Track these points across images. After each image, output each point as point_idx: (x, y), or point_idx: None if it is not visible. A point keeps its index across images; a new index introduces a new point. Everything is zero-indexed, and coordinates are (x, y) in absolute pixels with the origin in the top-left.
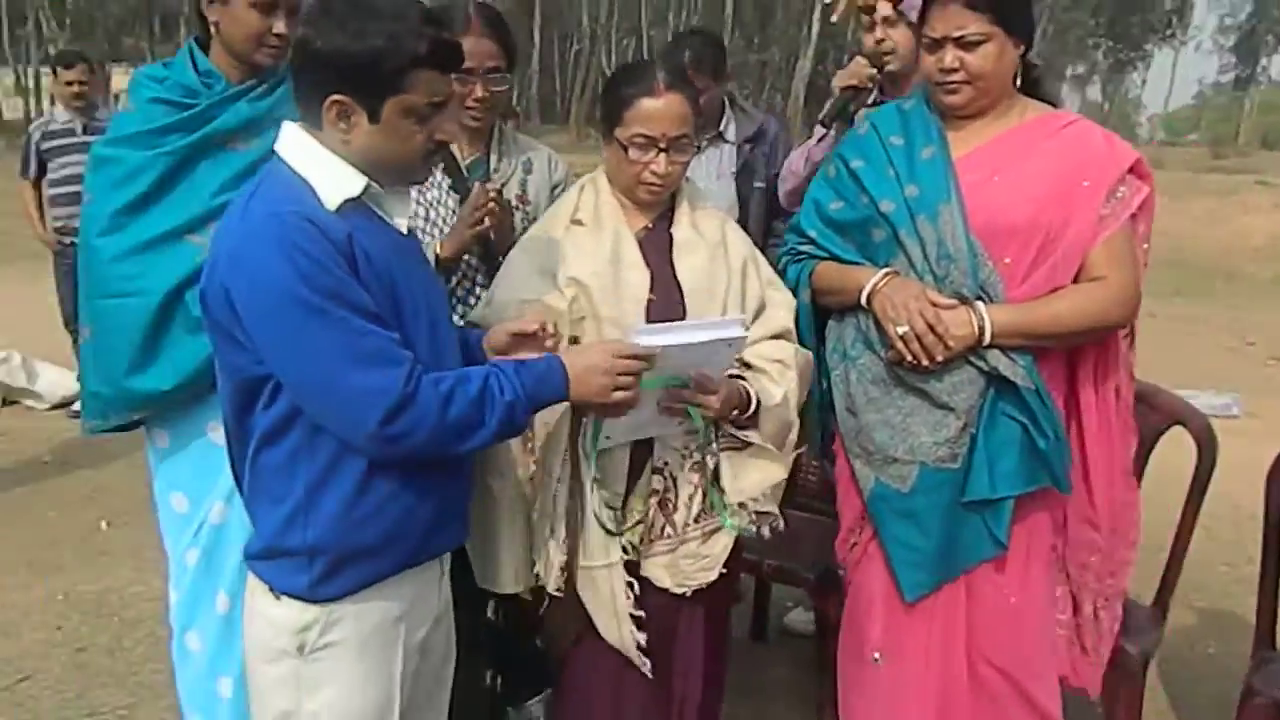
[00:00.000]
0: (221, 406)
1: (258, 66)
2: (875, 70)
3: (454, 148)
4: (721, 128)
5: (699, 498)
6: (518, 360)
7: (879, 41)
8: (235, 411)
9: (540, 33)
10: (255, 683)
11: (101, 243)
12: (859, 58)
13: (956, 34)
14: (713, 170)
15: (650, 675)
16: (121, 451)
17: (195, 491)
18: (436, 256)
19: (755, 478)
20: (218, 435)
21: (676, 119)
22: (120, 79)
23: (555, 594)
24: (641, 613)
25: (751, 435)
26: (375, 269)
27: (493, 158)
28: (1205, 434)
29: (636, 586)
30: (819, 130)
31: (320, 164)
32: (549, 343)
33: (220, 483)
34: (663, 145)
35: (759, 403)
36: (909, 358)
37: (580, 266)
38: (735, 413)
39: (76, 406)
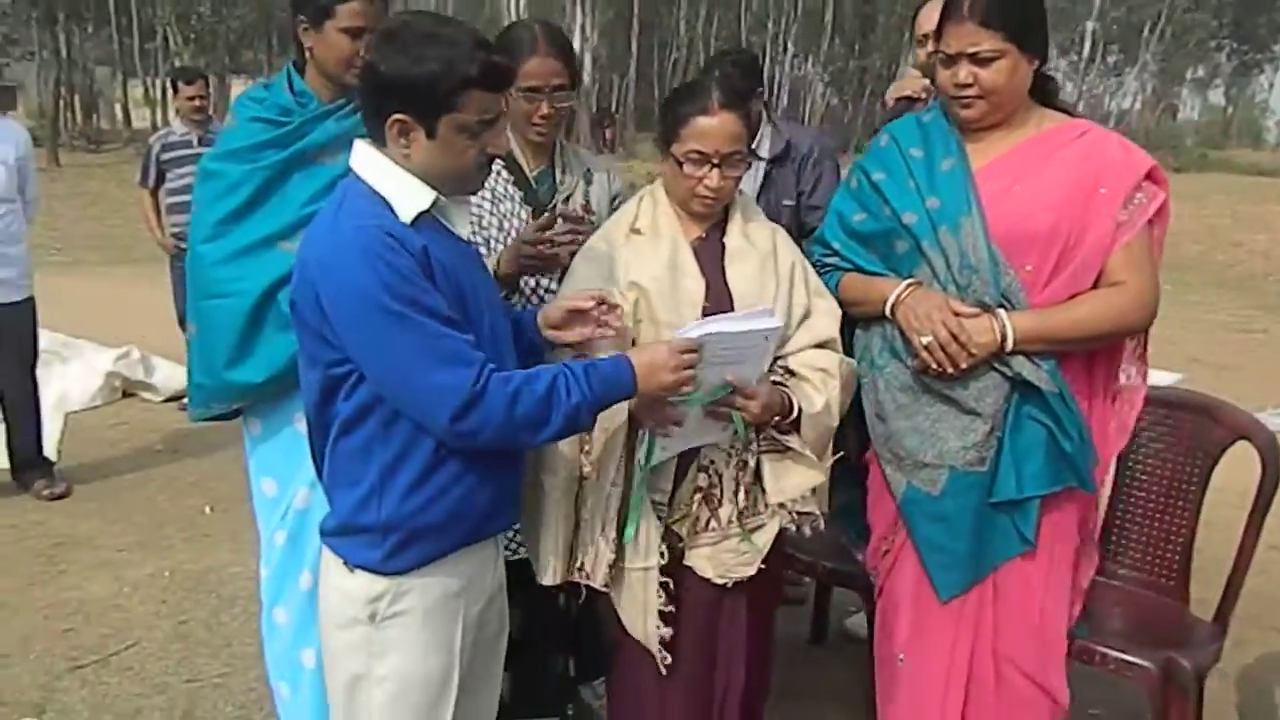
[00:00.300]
0: (304, 399)
1: (348, 87)
2: (929, 81)
3: (522, 162)
4: (755, 144)
5: (742, 495)
6: (588, 362)
7: (930, 54)
8: (317, 403)
9: (638, 41)
10: (329, 648)
11: (205, 249)
12: (911, 69)
13: (970, 50)
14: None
15: (666, 670)
16: (225, 442)
17: (283, 477)
18: (495, 270)
19: (794, 480)
20: (303, 426)
21: (729, 136)
22: (240, 89)
23: (602, 589)
24: (671, 607)
25: (792, 440)
26: (447, 276)
27: (557, 171)
28: (1270, 449)
29: (670, 585)
30: None
31: (393, 180)
32: (608, 317)
33: (304, 470)
34: (715, 161)
35: (800, 410)
36: (933, 366)
37: (640, 272)
38: (777, 419)
39: (187, 399)
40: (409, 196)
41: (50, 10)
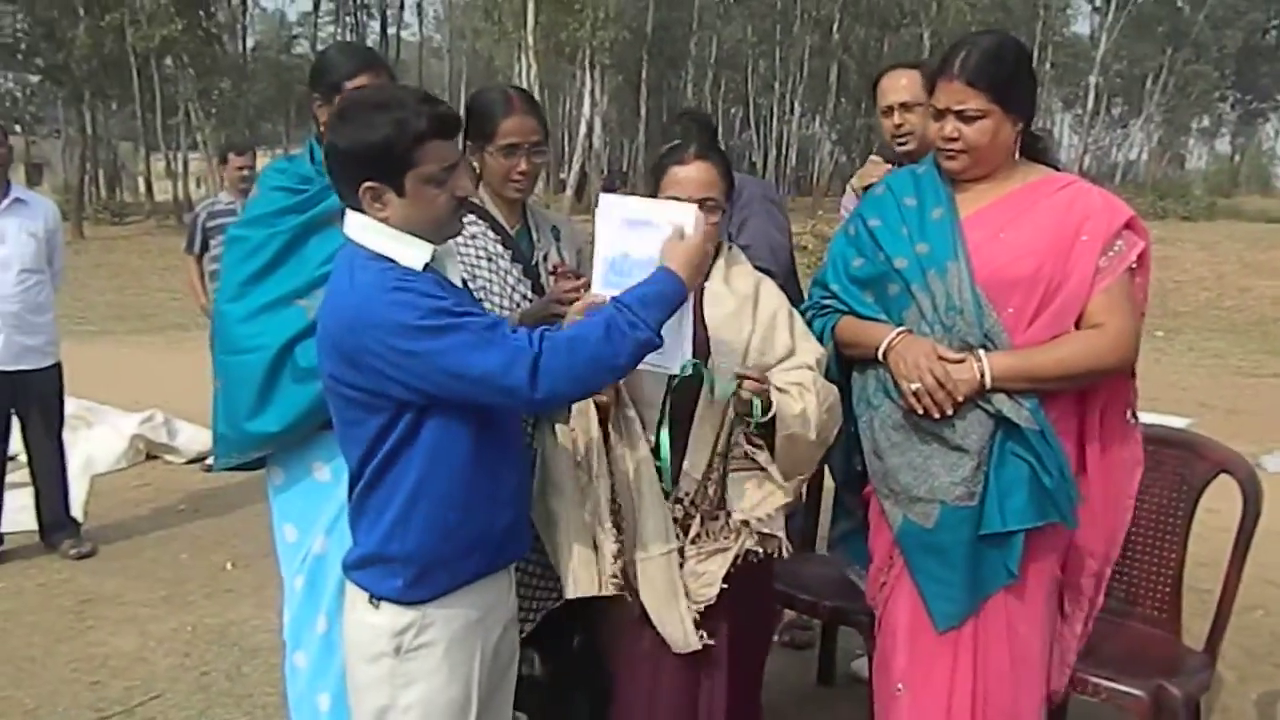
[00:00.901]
0: (339, 439)
1: None
2: (891, 165)
3: (501, 223)
4: None
5: (697, 523)
6: (636, 290)
7: (898, 126)
8: (344, 442)
9: (647, 105)
10: (354, 682)
11: (229, 308)
12: (874, 157)
13: (957, 107)
14: None
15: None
16: (246, 501)
17: (303, 523)
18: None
19: (761, 497)
20: (321, 474)
21: (704, 183)
22: (260, 161)
23: (614, 585)
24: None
25: (760, 456)
26: None
27: (532, 230)
28: (1250, 482)
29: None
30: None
31: (391, 239)
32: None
33: (322, 517)
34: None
35: (775, 415)
36: (920, 411)
37: None
38: (748, 420)
39: (209, 460)
40: (410, 252)
41: (76, 89)
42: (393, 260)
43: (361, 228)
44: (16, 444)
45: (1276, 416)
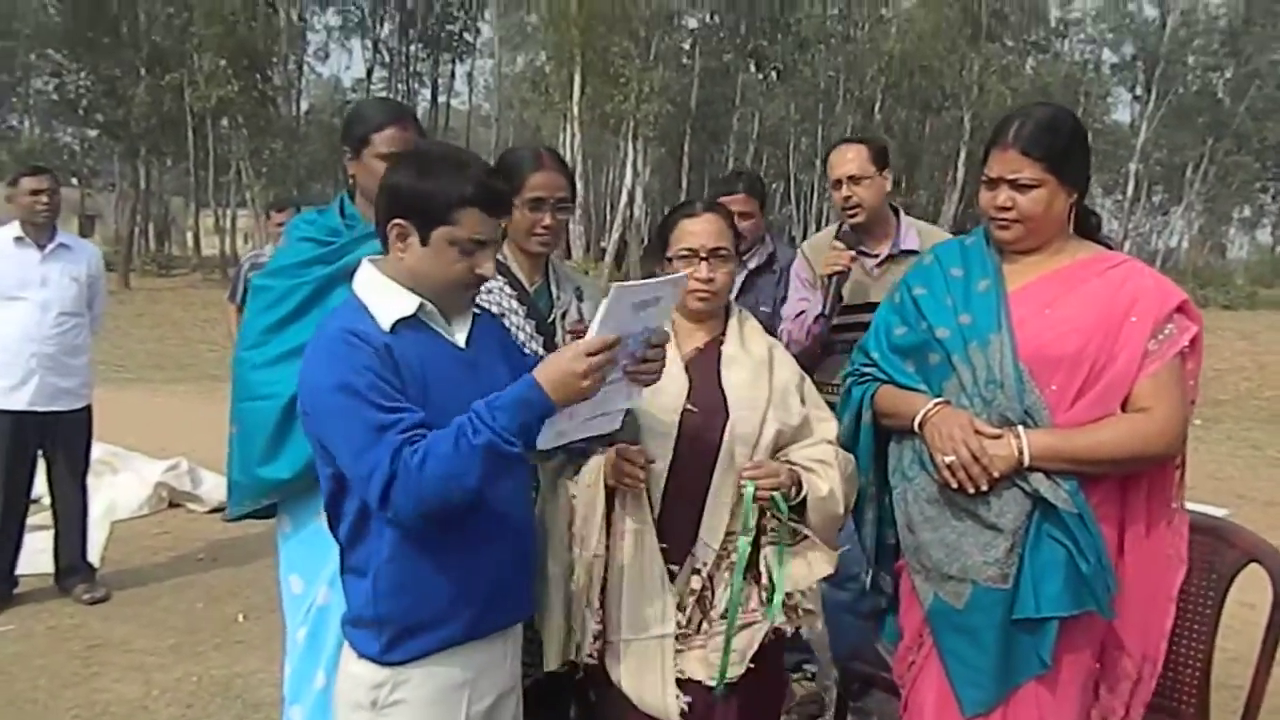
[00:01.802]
0: (324, 504)
1: None
2: (851, 251)
3: (520, 277)
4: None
5: (726, 595)
6: (493, 396)
7: (846, 199)
8: (327, 499)
9: (689, 176)
10: None
11: (248, 355)
12: (836, 242)
13: (1011, 176)
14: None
15: None
16: (263, 551)
17: (309, 574)
18: None
19: (804, 570)
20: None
21: (713, 234)
22: None
23: (589, 661)
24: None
25: (802, 528)
26: (412, 374)
27: (552, 286)
28: None
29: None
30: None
31: (379, 291)
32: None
33: (327, 568)
34: (704, 255)
35: (806, 495)
36: (954, 485)
37: None
38: (790, 491)
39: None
40: (390, 304)
41: (133, 145)
42: (370, 313)
43: (363, 275)
44: (41, 486)
45: None
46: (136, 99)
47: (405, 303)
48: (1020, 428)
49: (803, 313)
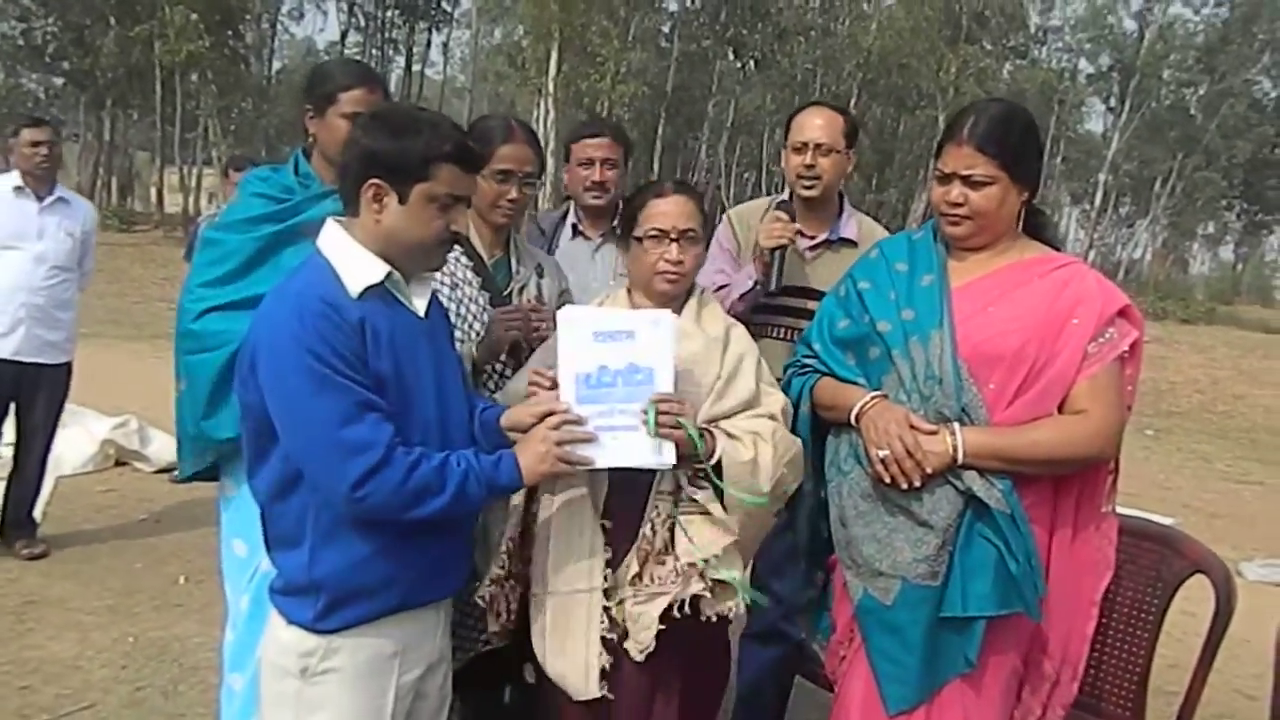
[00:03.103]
0: (247, 472)
1: None
2: (795, 225)
3: (480, 250)
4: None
5: (634, 564)
6: (487, 466)
7: (809, 167)
8: (251, 465)
9: (661, 161)
10: (264, 697)
11: (191, 306)
12: (779, 214)
13: (965, 172)
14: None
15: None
16: (208, 516)
17: (252, 539)
18: (473, 360)
19: (707, 538)
20: None
21: (683, 214)
22: None
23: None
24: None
25: (699, 495)
26: (382, 345)
27: (513, 260)
28: (1225, 584)
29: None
30: (747, 283)
31: (349, 255)
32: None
33: None
34: (674, 236)
35: (720, 459)
36: (887, 479)
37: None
38: (696, 465)
39: (176, 472)
40: (360, 270)
41: (99, 96)
42: (339, 277)
43: (331, 237)
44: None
45: (1259, 524)
46: (104, 49)
47: (374, 270)
48: (955, 424)
49: (724, 286)
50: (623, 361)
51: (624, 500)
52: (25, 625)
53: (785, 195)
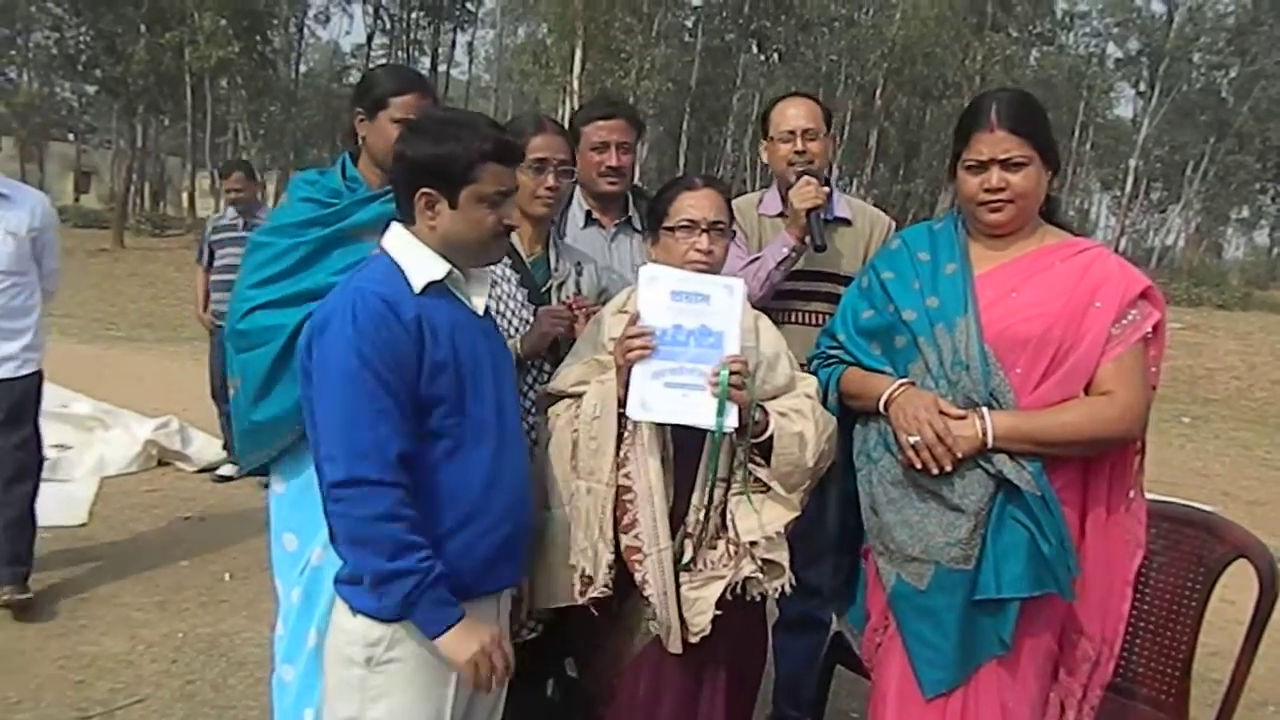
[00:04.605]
0: (313, 460)
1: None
2: (825, 187)
3: (519, 247)
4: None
5: (688, 551)
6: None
7: (800, 153)
8: (315, 454)
9: (686, 155)
10: (328, 686)
11: (238, 307)
12: (807, 179)
13: (1003, 156)
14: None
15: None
16: (251, 513)
17: (303, 533)
18: (516, 354)
19: (766, 516)
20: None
21: (714, 206)
22: None
23: (605, 591)
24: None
25: (760, 472)
26: (440, 341)
27: (551, 256)
28: (1268, 568)
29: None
30: (783, 251)
31: (412, 252)
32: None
33: (322, 528)
34: (704, 227)
35: (773, 439)
36: (918, 465)
37: (617, 329)
38: (752, 443)
39: (220, 470)
40: (423, 267)
41: (131, 103)
42: (404, 274)
43: (395, 236)
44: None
45: None
46: (136, 56)
47: (437, 267)
48: (984, 409)
49: (757, 258)
50: (696, 323)
51: (675, 485)
52: (78, 622)
53: (772, 188)
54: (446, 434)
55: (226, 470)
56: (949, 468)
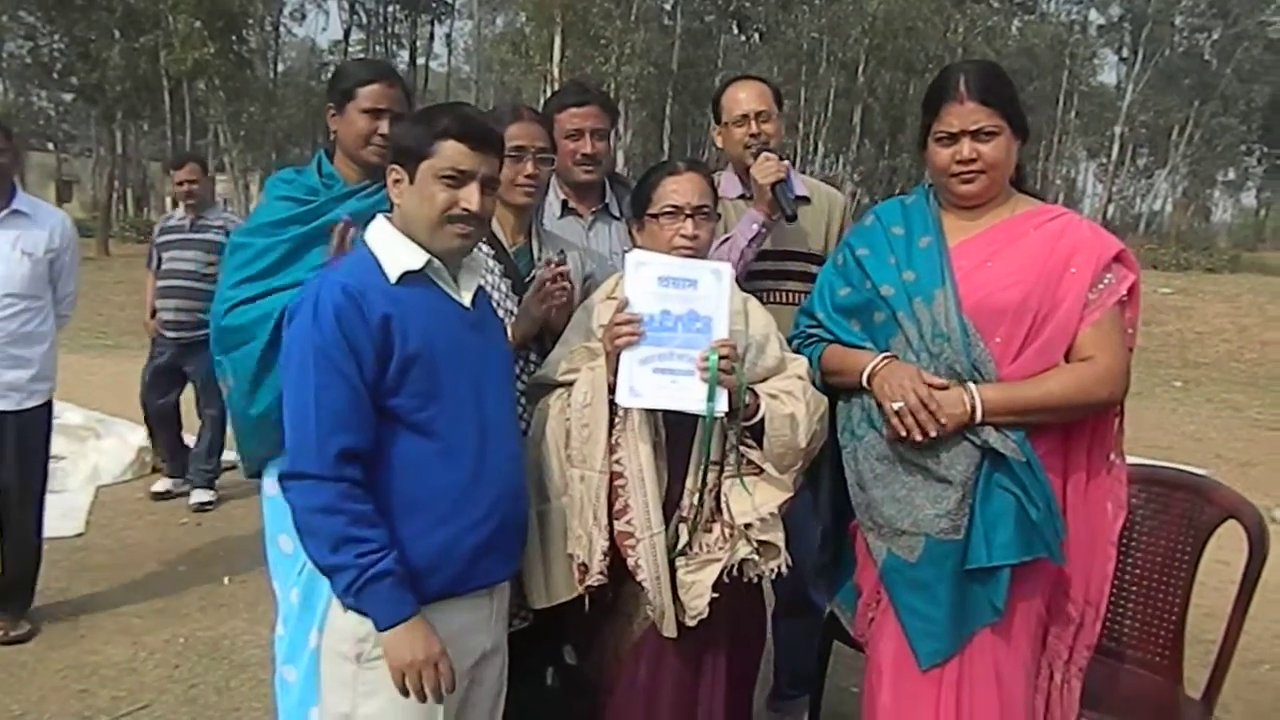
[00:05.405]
0: None
1: (367, 164)
2: (785, 161)
3: (501, 237)
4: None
5: (683, 535)
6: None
7: (754, 135)
8: None
9: (671, 140)
10: (324, 683)
11: (219, 307)
12: (766, 155)
13: (973, 127)
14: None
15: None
16: (247, 516)
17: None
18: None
19: (760, 497)
20: None
21: (697, 191)
22: None
23: (599, 579)
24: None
25: (753, 454)
26: (413, 333)
27: (534, 246)
28: (1258, 529)
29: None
30: (753, 228)
31: (389, 242)
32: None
33: None
34: (688, 212)
35: (764, 420)
36: (904, 433)
37: (606, 316)
38: (744, 426)
39: (156, 487)
40: (400, 257)
41: (109, 109)
42: (379, 264)
43: (376, 228)
44: None
45: None
46: (111, 62)
47: (415, 257)
48: (971, 385)
49: (728, 238)
50: (684, 308)
51: (668, 470)
52: (79, 631)
53: (728, 171)
54: (422, 427)
55: (161, 486)
56: (934, 433)
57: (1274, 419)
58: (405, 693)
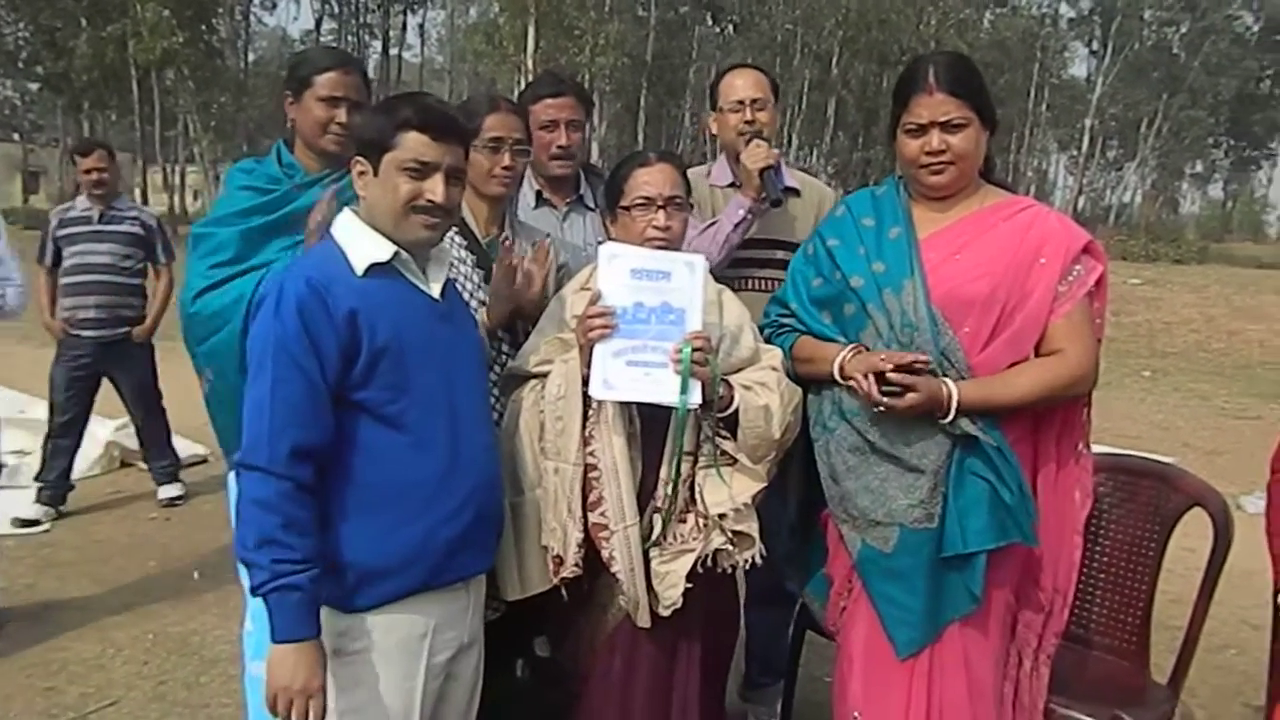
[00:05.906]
0: None
1: (325, 152)
2: (775, 151)
3: (474, 228)
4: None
5: (657, 526)
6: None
7: (750, 122)
8: None
9: (645, 131)
10: None
11: (185, 296)
12: (757, 141)
13: (942, 118)
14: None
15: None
16: (217, 512)
17: None
18: (484, 329)
19: (735, 488)
20: None
21: (669, 181)
22: None
23: (575, 571)
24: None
25: (727, 445)
26: (381, 327)
27: (506, 235)
28: (1222, 516)
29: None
30: (740, 213)
31: (355, 235)
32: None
33: None
34: (660, 203)
35: (739, 412)
36: (876, 397)
37: (579, 307)
38: (718, 417)
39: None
40: (366, 249)
41: (76, 99)
42: (345, 257)
43: (342, 221)
44: None
45: (1259, 459)
46: (78, 51)
47: (381, 249)
48: (949, 380)
49: (713, 223)
50: (657, 300)
51: (642, 461)
52: (46, 628)
53: (721, 159)
54: (393, 420)
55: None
56: (911, 398)
57: (1240, 408)
58: (274, 712)
